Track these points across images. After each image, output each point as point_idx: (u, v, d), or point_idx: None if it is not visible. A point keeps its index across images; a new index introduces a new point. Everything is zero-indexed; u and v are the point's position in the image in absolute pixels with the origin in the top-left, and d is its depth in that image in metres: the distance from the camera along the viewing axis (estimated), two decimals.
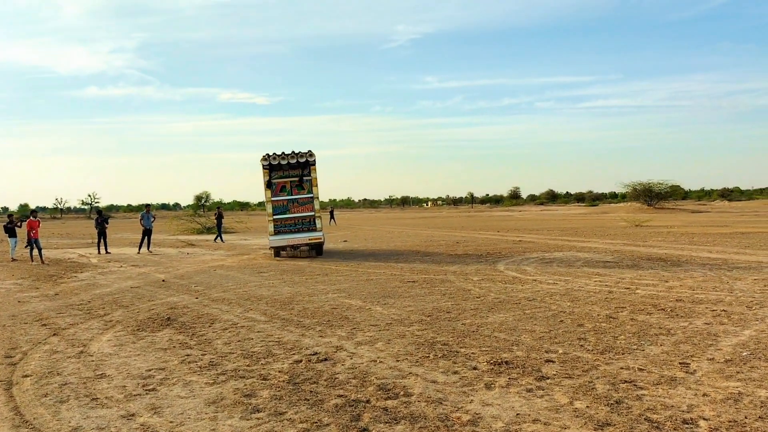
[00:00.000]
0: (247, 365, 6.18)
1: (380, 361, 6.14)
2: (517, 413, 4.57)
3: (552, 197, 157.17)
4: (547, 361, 5.96)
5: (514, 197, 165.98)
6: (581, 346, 6.54)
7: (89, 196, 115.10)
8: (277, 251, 19.02)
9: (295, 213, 19.00)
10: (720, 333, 6.97)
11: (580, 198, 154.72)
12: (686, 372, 5.45)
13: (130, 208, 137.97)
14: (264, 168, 18.74)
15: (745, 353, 6.00)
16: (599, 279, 11.97)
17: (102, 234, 22.68)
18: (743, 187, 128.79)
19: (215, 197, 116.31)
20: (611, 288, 10.74)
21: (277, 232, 18.84)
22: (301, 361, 6.28)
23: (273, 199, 18.94)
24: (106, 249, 22.58)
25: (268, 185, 18.90)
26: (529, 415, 4.53)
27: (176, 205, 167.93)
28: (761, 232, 26.01)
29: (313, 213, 18.96)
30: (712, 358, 5.87)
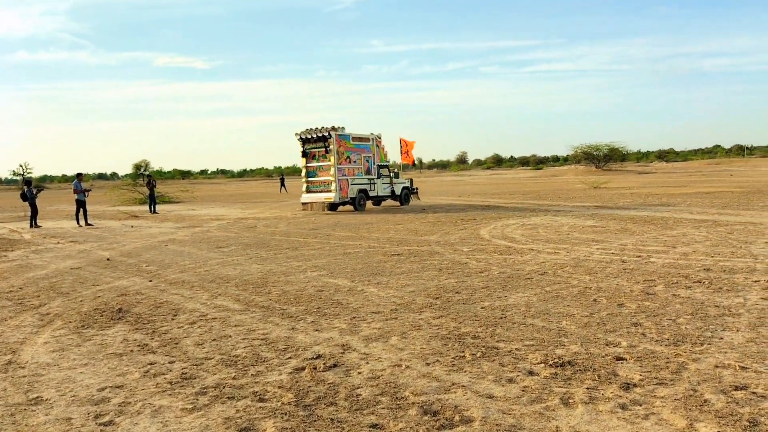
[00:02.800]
0: (234, 378, 4.74)
1: (407, 366, 4.80)
2: None
3: (498, 161, 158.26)
4: (617, 358, 4.75)
5: (462, 162, 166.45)
6: (643, 334, 5.37)
7: (21, 166, 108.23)
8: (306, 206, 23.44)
9: (321, 177, 22.82)
10: None
11: (524, 162, 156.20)
12: None
13: (65, 179, 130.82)
14: (299, 140, 22.95)
15: None
16: (600, 246, 10.93)
17: (33, 207, 20.48)
18: (677, 149, 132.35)
19: (155, 166, 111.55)
20: (620, 256, 9.69)
21: (308, 192, 23.34)
22: (303, 368, 4.88)
23: (306, 165, 23.16)
24: (34, 223, 20.41)
25: (303, 154, 23.07)
26: None
27: (114, 175, 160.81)
28: (725, 191, 25.83)
29: (330, 177, 22.24)
30: None
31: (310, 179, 23.20)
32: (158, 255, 12.34)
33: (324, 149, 22.32)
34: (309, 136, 22.57)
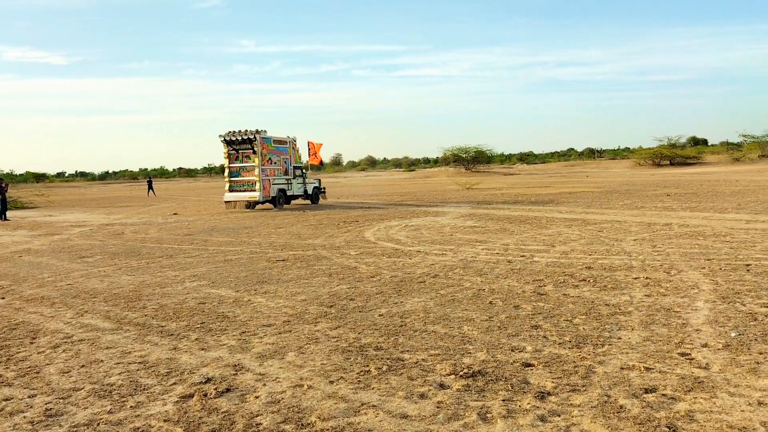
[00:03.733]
0: (109, 412, 4.09)
1: (309, 386, 4.40)
2: None
3: (372, 163, 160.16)
4: (526, 365, 4.65)
5: (336, 164, 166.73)
6: (545, 337, 5.34)
7: None
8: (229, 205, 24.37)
9: (244, 177, 23.74)
10: (675, 307, 6.20)
11: (397, 164, 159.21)
12: (702, 368, 4.44)
13: None
14: (222, 142, 23.82)
15: (734, 334, 5.19)
16: (484, 247, 11.09)
17: None
18: (536, 151, 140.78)
19: (5, 168, 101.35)
20: (506, 256, 9.86)
21: (231, 191, 24.03)
22: (191, 395, 4.33)
23: (230, 165, 24.02)
24: None
25: (228, 155, 23.98)
26: None
27: None
28: (585, 191, 27.64)
29: (255, 177, 23.31)
30: (707, 344, 4.97)
31: (233, 179, 24.03)
32: (11, 267, 10.93)
33: (249, 151, 23.55)
34: (233, 138, 23.53)
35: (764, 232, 11.52)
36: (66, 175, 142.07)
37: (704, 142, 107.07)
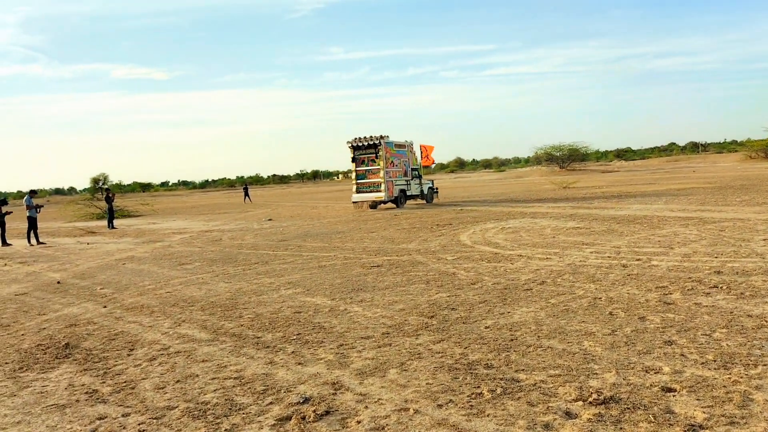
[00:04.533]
0: None
1: (415, 411, 3.95)
2: None
3: (460, 165, 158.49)
4: (665, 389, 3.99)
5: (425, 167, 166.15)
6: (683, 356, 4.63)
7: None
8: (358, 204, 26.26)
9: (370, 179, 25.62)
10: None
11: (486, 164, 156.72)
12: None
13: (20, 195, 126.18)
14: (350, 147, 25.79)
15: None
16: (593, 250, 10.27)
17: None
18: (634, 147, 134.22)
19: (114, 179, 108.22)
20: (619, 260, 9.03)
21: (358, 192, 25.99)
22: (288, 417, 3.99)
23: (356, 169, 25.90)
24: (4, 241, 19.30)
25: (353, 159, 25.88)
26: None
27: (71, 190, 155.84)
28: (695, 187, 25.70)
29: (380, 179, 25.13)
30: None
31: (360, 181, 25.99)
32: (115, 275, 11.23)
33: (374, 155, 25.44)
34: (359, 144, 25.58)
35: None
36: (169, 184, 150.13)
37: None
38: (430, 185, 29.19)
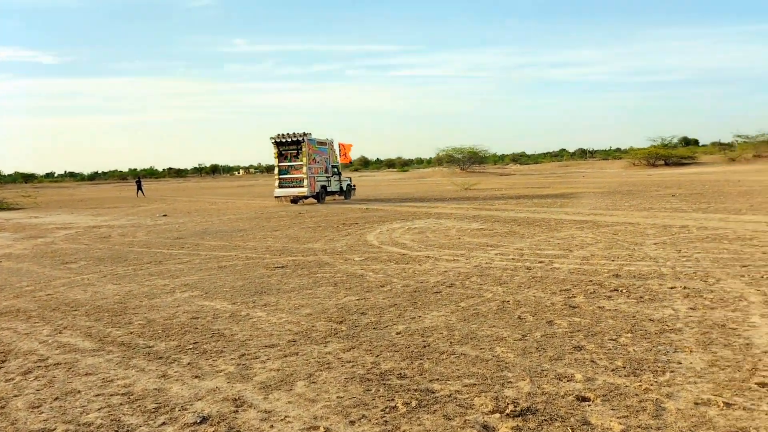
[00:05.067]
0: None
1: (325, 428, 3.65)
2: None
3: (365, 163, 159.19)
4: (580, 398, 3.93)
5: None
6: (593, 362, 4.62)
7: None
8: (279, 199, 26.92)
9: (293, 174, 26.19)
10: (730, 323, 5.50)
11: (390, 164, 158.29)
12: None
13: None
14: (273, 143, 26.28)
15: None
16: (497, 252, 10.38)
17: None
18: (528, 152, 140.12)
19: None
20: (523, 263, 9.15)
21: (280, 187, 26.47)
22: None
23: (279, 164, 26.39)
24: None
25: (279, 154, 26.36)
26: None
27: None
28: (586, 191, 27.00)
29: (303, 175, 25.82)
30: None
31: (282, 176, 26.48)
32: None
33: (296, 151, 26.09)
34: (283, 140, 26.10)
35: None
36: (55, 175, 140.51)
37: (695, 142, 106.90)
38: (348, 182, 30.29)
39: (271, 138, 26.57)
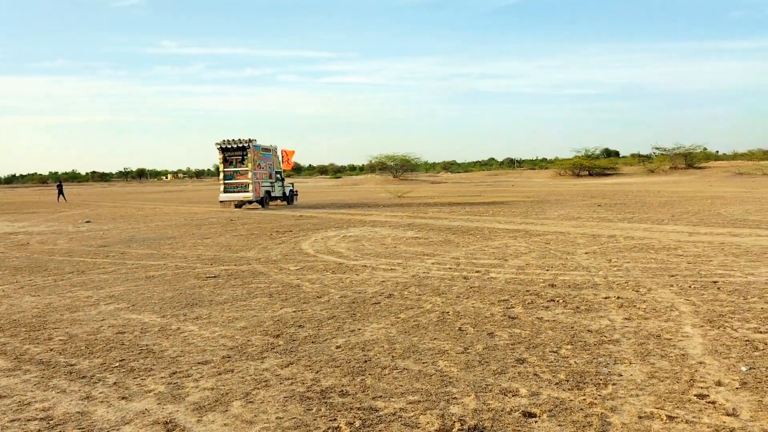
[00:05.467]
0: None
1: None
2: None
3: (297, 169, 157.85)
4: (526, 414, 3.89)
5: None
6: (536, 375, 4.61)
7: None
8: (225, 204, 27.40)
9: (238, 180, 26.74)
10: (664, 334, 5.64)
11: (323, 170, 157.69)
12: (731, 415, 3.81)
13: None
14: (219, 149, 26.85)
15: (744, 368, 4.63)
16: (434, 261, 10.38)
17: None
18: (459, 161, 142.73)
19: None
20: (460, 272, 9.17)
21: (225, 192, 26.91)
22: None
23: (225, 170, 27.03)
24: None
25: (224, 160, 26.96)
26: None
27: None
28: (516, 200, 27.62)
29: (248, 180, 26.46)
30: (720, 382, 4.37)
31: (227, 181, 27.00)
32: None
33: (241, 157, 26.71)
34: (228, 146, 26.70)
35: (712, 245, 11.39)
36: None
37: (616, 153, 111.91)
38: (291, 188, 31.12)
39: (217, 144, 27.08)
